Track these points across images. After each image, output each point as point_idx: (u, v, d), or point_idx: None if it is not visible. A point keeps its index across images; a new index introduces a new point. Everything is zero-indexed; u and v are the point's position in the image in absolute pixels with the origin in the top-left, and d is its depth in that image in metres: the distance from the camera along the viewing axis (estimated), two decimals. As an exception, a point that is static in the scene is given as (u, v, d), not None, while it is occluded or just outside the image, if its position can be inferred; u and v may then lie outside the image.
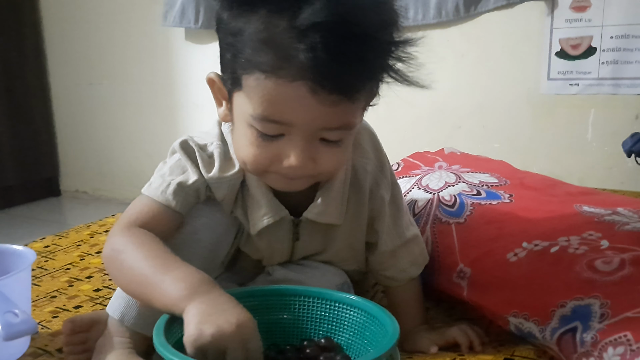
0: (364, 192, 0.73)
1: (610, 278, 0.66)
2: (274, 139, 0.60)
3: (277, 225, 0.72)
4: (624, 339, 0.58)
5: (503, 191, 0.90)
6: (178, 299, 0.55)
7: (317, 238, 0.76)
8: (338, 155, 0.63)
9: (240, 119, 0.62)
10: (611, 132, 1.59)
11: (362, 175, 0.73)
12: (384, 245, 0.76)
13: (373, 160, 0.74)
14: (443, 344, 0.73)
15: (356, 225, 0.75)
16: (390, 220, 0.76)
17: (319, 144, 0.60)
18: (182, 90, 2.34)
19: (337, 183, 0.71)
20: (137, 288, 0.60)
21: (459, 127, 1.83)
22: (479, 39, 1.75)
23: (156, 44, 2.35)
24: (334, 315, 0.66)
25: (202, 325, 0.51)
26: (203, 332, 0.51)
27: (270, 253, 0.77)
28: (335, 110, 0.57)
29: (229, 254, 0.76)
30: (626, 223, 0.76)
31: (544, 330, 0.66)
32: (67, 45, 2.57)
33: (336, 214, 0.72)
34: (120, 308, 0.68)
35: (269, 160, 0.61)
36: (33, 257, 0.77)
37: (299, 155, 0.59)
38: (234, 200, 0.71)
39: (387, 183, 0.75)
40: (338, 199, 0.71)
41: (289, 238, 0.75)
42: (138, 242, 0.62)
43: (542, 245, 0.75)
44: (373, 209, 0.75)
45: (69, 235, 1.25)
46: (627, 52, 1.55)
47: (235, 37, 0.58)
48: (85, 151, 2.67)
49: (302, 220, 0.72)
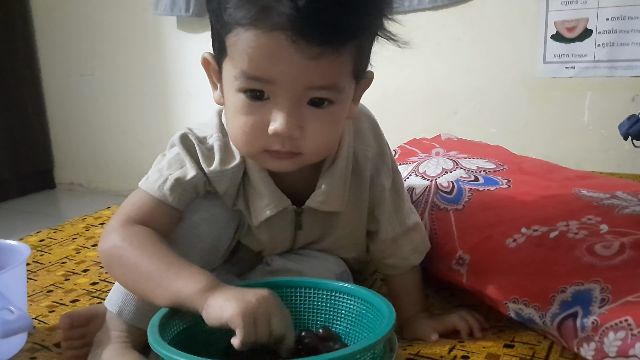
0: (365, 179, 0.72)
1: (610, 262, 0.66)
2: (260, 104, 0.58)
3: (279, 215, 0.71)
4: (624, 324, 0.58)
5: (501, 177, 0.90)
6: (198, 292, 0.56)
7: (319, 226, 0.75)
8: (326, 126, 0.60)
9: (229, 89, 0.61)
10: (608, 114, 1.58)
11: (363, 163, 0.72)
12: (385, 233, 0.76)
13: (374, 148, 0.73)
14: (443, 331, 0.73)
15: (357, 212, 0.75)
16: (391, 208, 0.75)
17: (307, 109, 0.59)
18: (175, 79, 2.32)
19: (338, 170, 0.70)
20: (142, 285, 0.60)
21: (455, 113, 1.82)
22: (474, 23, 1.74)
23: (147, 34, 2.32)
24: (331, 305, 0.66)
25: (241, 299, 0.53)
26: (247, 300, 0.53)
27: (273, 244, 0.76)
28: (318, 64, 0.56)
29: (229, 247, 0.76)
30: (625, 207, 0.75)
31: (544, 315, 0.66)
32: (58, 36, 2.54)
33: (338, 201, 0.71)
34: (119, 302, 0.67)
35: (257, 130, 0.59)
36: (27, 252, 0.76)
37: (284, 119, 0.57)
38: (236, 192, 0.70)
39: (387, 170, 0.74)
40: (340, 186, 0.70)
41: (291, 228, 0.74)
42: (139, 240, 0.62)
43: (541, 230, 0.74)
44: (373, 197, 0.74)
45: (64, 229, 1.24)
46: (623, 34, 1.54)
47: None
48: (79, 143, 2.65)
49: (305, 209, 0.72)
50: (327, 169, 0.69)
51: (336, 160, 0.69)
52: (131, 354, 0.65)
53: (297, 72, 0.56)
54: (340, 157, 0.69)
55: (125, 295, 0.67)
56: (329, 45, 0.55)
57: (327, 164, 0.70)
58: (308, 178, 0.70)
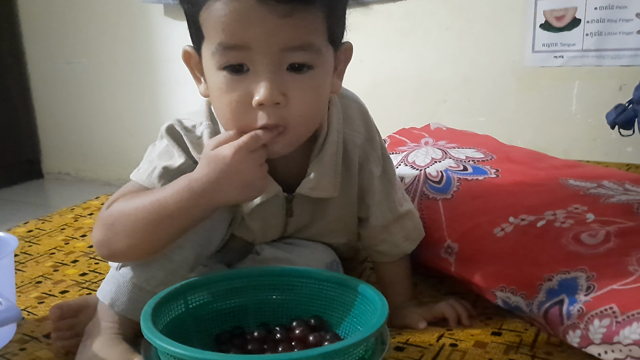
0: (354, 165, 0.73)
1: (596, 251, 0.66)
2: (242, 77, 0.59)
3: (270, 202, 0.71)
4: (609, 311, 0.59)
5: (489, 166, 0.90)
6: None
7: (309, 211, 0.75)
8: (309, 92, 0.61)
9: (210, 72, 0.61)
10: (595, 103, 1.59)
11: (352, 148, 0.72)
12: (375, 219, 0.76)
13: (362, 134, 0.73)
14: (431, 319, 0.74)
15: (346, 198, 0.75)
16: (382, 195, 0.75)
17: (287, 76, 0.59)
18: (163, 67, 2.30)
19: (328, 156, 0.70)
20: (157, 213, 0.61)
21: (444, 101, 1.82)
22: (463, 11, 1.74)
23: (135, 21, 2.30)
24: (323, 295, 0.67)
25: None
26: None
27: (264, 232, 0.76)
28: (290, 23, 0.56)
29: (223, 240, 0.76)
30: (611, 196, 0.76)
31: (531, 303, 0.67)
32: (43, 23, 2.50)
33: (329, 187, 0.71)
34: (111, 294, 0.67)
35: (243, 105, 0.59)
36: (15, 243, 0.75)
37: (266, 87, 0.58)
38: None
39: (376, 157, 0.74)
40: (331, 172, 0.70)
41: (282, 215, 0.74)
42: (130, 197, 0.64)
43: (528, 219, 0.75)
44: (362, 183, 0.74)
45: (52, 219, 1.23)
46: (611, 23, 1.55)
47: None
48: (66, 132, 2.62)
49: (296, 196, 0.72)
50: (316, 155, 0.70)
51: (325, 145, 0.69)
52: (120, 345, 0.65)
53: (270, 33, 0.57)
54: (329, 143, 0.70)
55: (117, 287, 0.67)
56: (298, 2, 0.56)
57: (316, 150, 0.70)
58: (298, 165, 0.70)
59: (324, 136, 0.69)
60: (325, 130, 0.69)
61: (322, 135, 0.69)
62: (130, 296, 0.66)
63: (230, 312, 0.67)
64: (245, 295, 0.68)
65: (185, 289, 0.64)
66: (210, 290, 0.66)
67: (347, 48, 0.67)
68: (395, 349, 0.68)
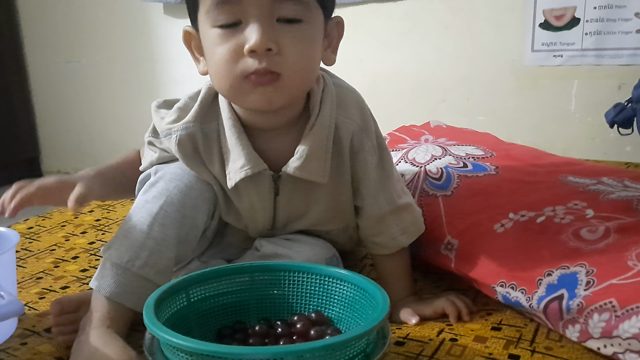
0: (345, 151, 0.73)
1: (595, 246, 0.67)
2: (234, 30, 0.63)
3: (256, 181, 0.72)
4: (609, 305, 0.59)
5: (489, 163, 0.91)
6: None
7: (299, 197, 0.75)
8: (301, 43, 0.64)
9: (206, 34, 0.66)
10: (594, 103, 1.60)
11: (344, 135, 0.72)
12: (370, 209, 0.76)
13: (357, 122, 0.73)
14: (432, 315, 0.74)
15: (339, 184, 0.75)
16: (378, 185, 0.75)
17: (279, 27, 0.63)
18: (163, 66, 2.30)
19: (318, 138, 0.70)
20: None
21: (443, 101, 1.83)
22: (463, 10, 1.74)
23: (134, 19, 2.30)
24: (324, 290, 0.67)
25: None
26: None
27: (253, 216, 0.76)
28: None
29: (211, 225, 0.76)
30: (611, 192, 0.77)
31: (531, 299, 0.67)
32: (43, 22, 2.50)
33: (318, 171, 0.71)
34: (98, 279, 0.67)
35: (235, 54, 0.63)
36: (16, 238, 0.75)
37: (258, 33, 0.61)
38: (210, 156, 0.72)
39: (371, 146, 0.74)
40: (321, 155, 0.70)
41: (269, 196, 0.74)
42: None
43: (528, 215, 0.75)
44: (357, 172, 0.74)
45: (52, 216, 1.23)
46: (610, 23, 1.56)
47: None
48: (66, 131, 2.62)
49: (282, 175, 0.72)
50: (306, 135, 0.70)
51: (315, 126, 0.70)
52: (115, 342, 0.62)
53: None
54: (319, 124, 0.70)
55: (103, 270, 0.67)
56: None
57: (307, 130, 0.70)
58: (287, 145, 0.71)
59: (315, 117, 0.70)
60: (317, 112, 0.70)
61: (313, 115, 0.70)
62: (117, 279, 0.66)
63: (231, 306, 0.67)
64: (246, 290, 0.68)
65: (188, 283, 0.64)
66: (212, 285, 0.66)
67: (338, 22, 0.70)
68: (395, 343, 0.68)
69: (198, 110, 0.72)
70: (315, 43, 0.66)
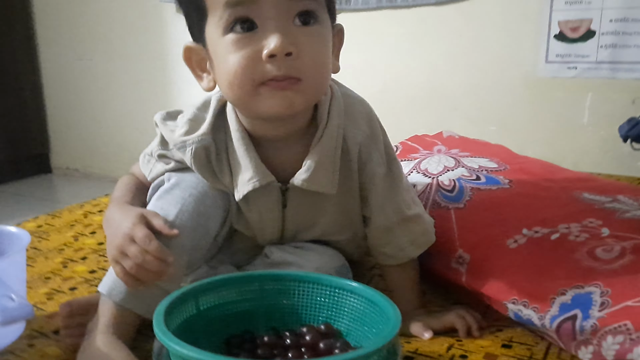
0: (353, 161, 0.72)
1: (610, 266, 0.66)
2: (251, 34, 0.60)
3: (264, 193, 0.71)
4: (623, 328, 0.58)
5: (503, 176, 0.90)
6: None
7: (307, 208, 0.75)
8: (318, 45, 0.63)
9: (218, 43, 0.63)
10: (608, 116, 1.59)
11: (352, 145, 0.71)
12: (378, 220, 0.75)
13: (365, 132, 0.72)
14: (440, 329, 0.73)
15: (347, 195, 0.74)
16: (386, 195, 0.74)
17: (296, 29, 0.61)
18: (174, 65, 2.30)
19: (326, 149, 0.69)
20: None
21: (455, 109, 1.82)
22: (477, 19, 1.74)
23: (147, 18, 2.30)
24: (333, 301, 0.66)
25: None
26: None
27: (261, 226, 0.76)
28: None
29: (222, 232, 0.76)
30: (627, 211, 0.76)
31: (543, 317, 0.66)
32: (57, 20, 2.51)
33: (326, 182, 0.70)
34: (109, 283, 0.67)
35: (252, 60, 0.60)
36: (27, 238, 0.75)
37: (278, 38, 0.59)
38: (221, 167, 0.71)
39: (379, 157, 0.73)
40: (328, 167, 0.70)
41: (278, 207, 0.74)
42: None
43: (542, 232, 0.74)
44: (365, 182, 0.74)
45: (62, 215, 1.23)
46: (625, 36, 1.55)
47: None
48: (76, 128, 2.63)
49: (290, 187, 0.71)
50: (314, 146, 0.69)
51: (323, 137, 0.69)
52: (119, 351, 0.62)
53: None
54: (327, 135, 0.69)
55: (112, 275, 0.66)
56: None
57: (315, 141, 0.69)
58: (295, 157, 0.70)
59: (323, 127, 0.69)
60: (325, 122, 0.69)
61: (321, 126, 0.69)
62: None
63: (240, 315, 0.67)
64: (256, 299, 0.68)
65: (197, 291, 0.64)
66: (222, 293, 0.66)
67: (339, 30, 0.69)
68: (404, 358, 0.68)
69: (212, 122, 0.71)
70: (329, 45, 0.66)
